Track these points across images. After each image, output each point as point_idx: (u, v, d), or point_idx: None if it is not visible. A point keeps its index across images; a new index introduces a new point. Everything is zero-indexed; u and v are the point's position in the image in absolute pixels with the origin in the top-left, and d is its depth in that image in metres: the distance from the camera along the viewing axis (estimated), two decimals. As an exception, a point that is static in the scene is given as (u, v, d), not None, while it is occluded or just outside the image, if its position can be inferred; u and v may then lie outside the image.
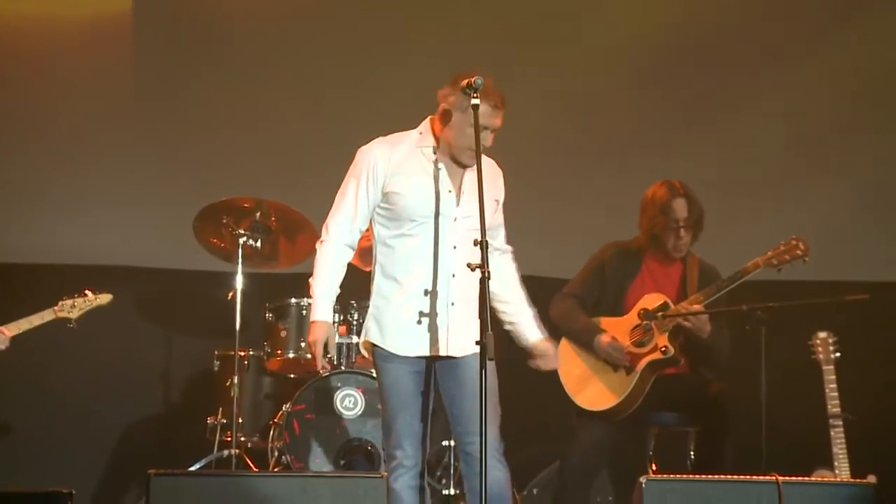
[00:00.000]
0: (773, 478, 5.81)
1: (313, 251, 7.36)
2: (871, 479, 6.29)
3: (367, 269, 7.76)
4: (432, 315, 5.37)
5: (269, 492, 5.60)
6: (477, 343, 4.94)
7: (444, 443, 7.27)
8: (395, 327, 5.40)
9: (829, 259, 7.46)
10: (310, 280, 5.50)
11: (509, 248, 5.74)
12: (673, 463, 6.89)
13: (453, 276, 5.35)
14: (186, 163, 8.34)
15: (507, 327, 5.72)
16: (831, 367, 6.84)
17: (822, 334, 6.89)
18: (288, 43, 8.52)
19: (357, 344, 7.08)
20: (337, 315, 7.24)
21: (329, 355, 5.48)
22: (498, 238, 5.65)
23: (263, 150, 8.36)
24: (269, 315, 7.47)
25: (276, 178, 8.18)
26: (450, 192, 5.38)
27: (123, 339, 8.04)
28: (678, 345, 6.60)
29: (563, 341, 6.50)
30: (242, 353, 7.45)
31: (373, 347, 5.48)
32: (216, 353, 7.65)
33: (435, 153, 5.41)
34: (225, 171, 8.23)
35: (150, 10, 8.50)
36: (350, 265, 7.68)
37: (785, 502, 5.71)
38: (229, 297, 7.38)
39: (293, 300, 7.35)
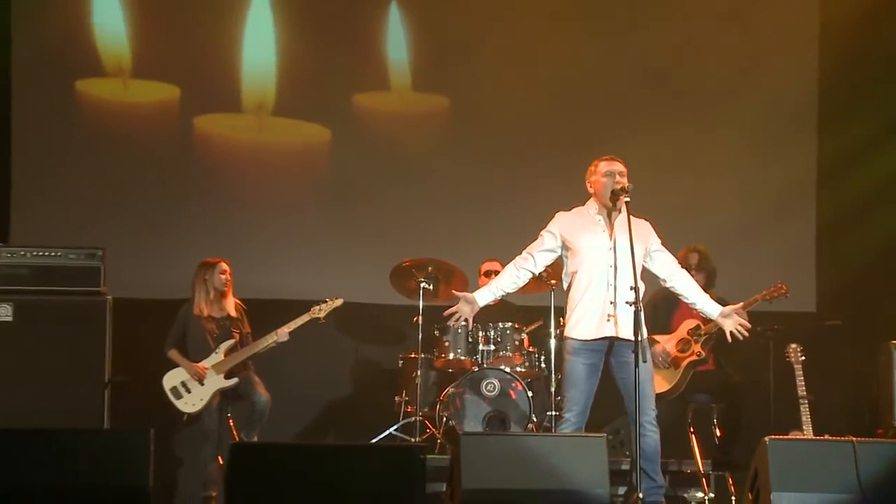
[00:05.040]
0: (849, 439, 6.31)
1: (461, 290, 8.77)
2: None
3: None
4: (602, 312, 6.87)
5: (526, 446, 6.28)
6: (632, 352, 6.57)
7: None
8: (577, 322, 6.95)
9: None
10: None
11: (680, 268, 7.07)
12: (703, 429, 8.30)
13: (612, 286, 6.84)
14: (380, 235, 10.18)
15: (699, 311, 7.03)
16: (799, 366, 8.19)
17: (793, 345, 8.24)
18: (445, 152, 10.38)
19: (493, 350, 9.00)
20: (479, 333, 9.06)
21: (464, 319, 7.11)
22: (666, 262, 7.03)
23: (428, 222, 10.23)
24: (436, 332, 9.14)
25: (437, 241, 9.91)
26: (604, 231, 6.97)
27: (340, 346, 9.82)
28: (708, 350, 8.24)
29: None
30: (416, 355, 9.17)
31: (564, 340, 7.01)
32: (399, 355, 9.46)
33: (595, 210, 7.05)
34: (403, 238, 10.08)
35: (345, 138, 10.33)
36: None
37: (858, 456, 6.08)
38: (414, 321, 9.15)
39: (451, 323, 8.37)
